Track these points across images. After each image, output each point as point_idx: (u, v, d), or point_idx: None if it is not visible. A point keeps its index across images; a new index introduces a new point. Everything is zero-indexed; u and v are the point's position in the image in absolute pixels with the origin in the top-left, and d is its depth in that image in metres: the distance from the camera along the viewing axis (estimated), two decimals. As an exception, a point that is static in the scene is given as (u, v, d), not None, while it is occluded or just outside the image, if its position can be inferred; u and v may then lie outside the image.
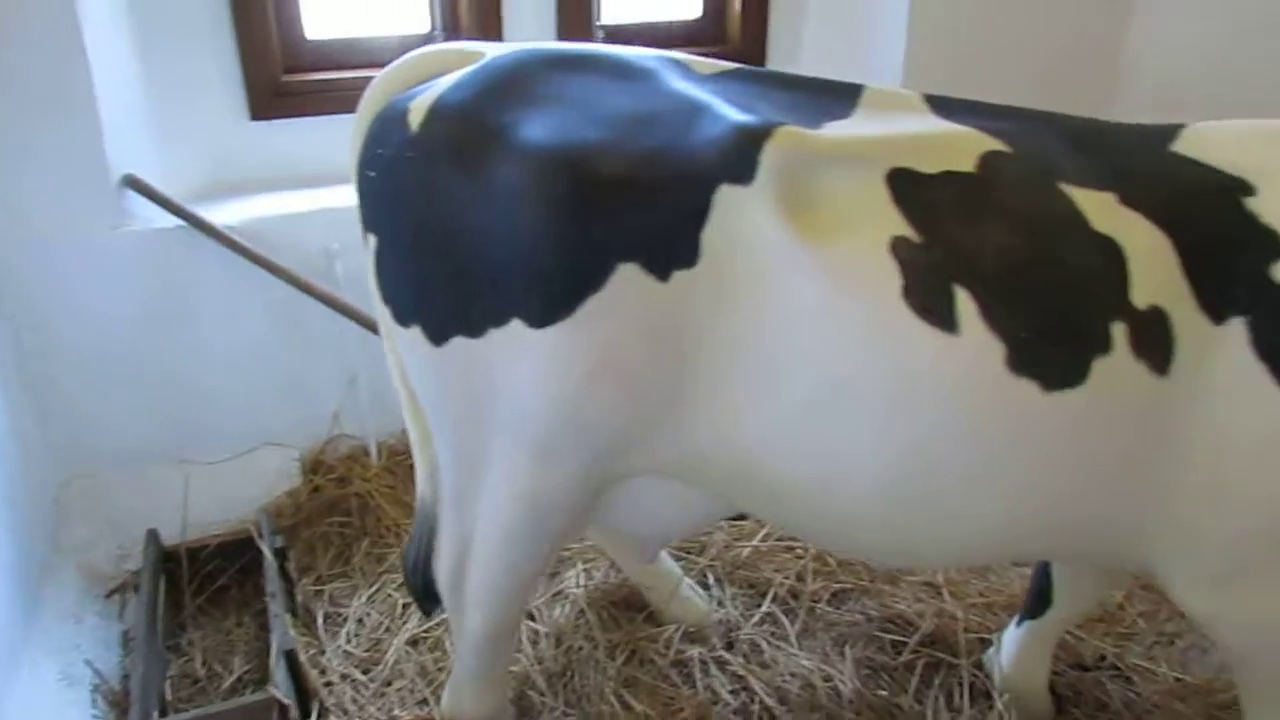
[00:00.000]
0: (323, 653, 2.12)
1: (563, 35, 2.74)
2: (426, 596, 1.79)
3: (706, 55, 1.60)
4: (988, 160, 1.36)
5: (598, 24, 2.81)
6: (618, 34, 2.84)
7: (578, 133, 1.35)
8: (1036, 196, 1.34)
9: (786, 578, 2.37)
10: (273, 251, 2.39)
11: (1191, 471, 1.38)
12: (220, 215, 2.41)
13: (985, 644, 2.16)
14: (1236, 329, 1.32)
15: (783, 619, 2.25)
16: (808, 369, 1.35)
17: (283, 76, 2.56)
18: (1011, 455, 1.35)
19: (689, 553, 2.46)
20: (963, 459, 1.35)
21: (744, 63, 2.89)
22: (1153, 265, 1.32)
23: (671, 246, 1.34)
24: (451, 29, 2.67)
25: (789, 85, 1.48)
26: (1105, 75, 3.11)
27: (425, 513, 1.74)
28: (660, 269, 1.35)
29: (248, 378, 2.52)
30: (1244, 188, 1.35)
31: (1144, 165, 1.39)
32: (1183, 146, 1.41)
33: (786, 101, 1.44)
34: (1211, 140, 1.41)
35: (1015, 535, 1.49)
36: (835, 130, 1.38)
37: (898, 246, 1.31)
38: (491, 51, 1.53)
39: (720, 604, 2.30)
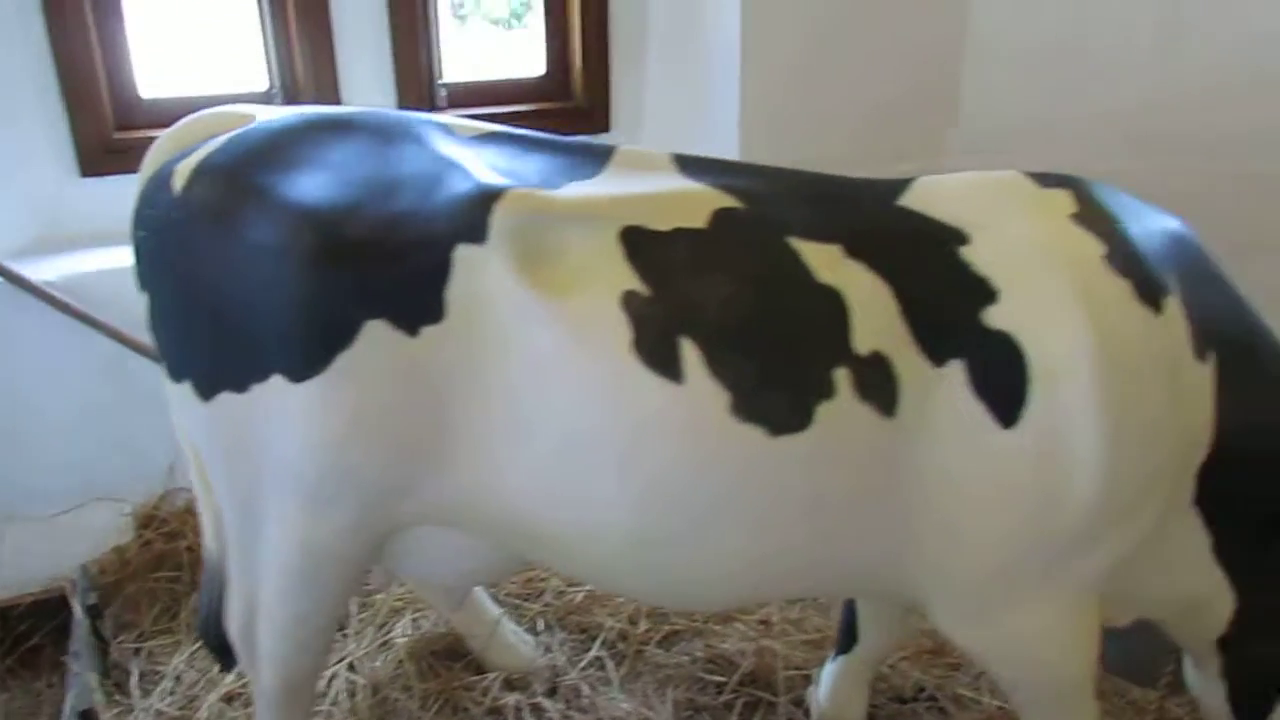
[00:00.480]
0: (130, 711, 2.09)
1: (402, 94, 2.79)
2: (222, 651, 1.79)
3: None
4: (719, 217, 1.43)
5: (440, 83, 2.85)
6: (460, 93, 2.89)
7: (329, 195, 1.41)
8: (763, 250, 1.42)
9: (618, 621, 2.39)
10: (100, 307, 2.38)
11: (928, 511, 1.45)
12: (47, 271, 2.40)
13: (808, 681, 2.20)
14: (955, 370, 1.40)
15: (609, 663, 2.26)
16: (552, 418, 1.41)
17: (115, 134, 2.57)
18: (743, 498, 1.41)
19: (525, 599, 2.48)
20: (695, 503, 1.41)
21: (589, 117, 2.96)
22: (874, 313, 1.39)
23: (416, 304, 1.40)
24: (290, 88, 2.71)
25: (544, 147, 1.55)
26: (940, 124, 3.25)
27: (212, 566, 1.75)
28: (408, 325, 1.40)
29: (76, 434, 2.49)
30: (959, 237, 1.44)
31: (870, 218, 1.48)
32: (909, 199, 1.50)
33: (538, 163, 1.51)
34: (935, 193, 1.51)
35: (768, 575, 1.54)
36: (574, 190, 1.44)
37: (628, 300, 1.38)
38: (262, 115, 1.58)
39: (549, 649, 2.32)
